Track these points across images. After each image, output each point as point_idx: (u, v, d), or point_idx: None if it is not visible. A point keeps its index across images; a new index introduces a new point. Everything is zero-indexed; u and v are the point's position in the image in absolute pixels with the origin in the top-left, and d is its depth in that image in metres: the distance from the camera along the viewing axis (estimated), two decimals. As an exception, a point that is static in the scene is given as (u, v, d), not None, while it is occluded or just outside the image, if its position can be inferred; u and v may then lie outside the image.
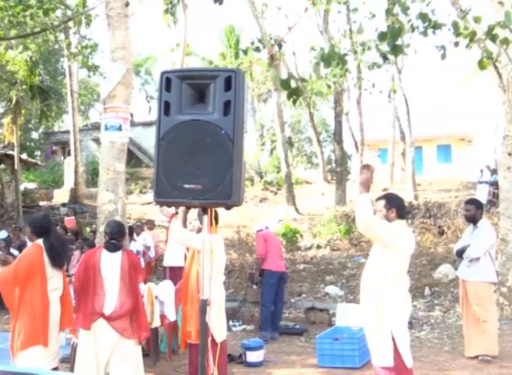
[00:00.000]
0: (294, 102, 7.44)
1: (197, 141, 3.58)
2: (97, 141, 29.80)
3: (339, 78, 16.77)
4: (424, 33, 8.09)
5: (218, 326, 5.81)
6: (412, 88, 54.24)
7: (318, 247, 16.78)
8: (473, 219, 7.54)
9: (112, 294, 5.31)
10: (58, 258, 5.48)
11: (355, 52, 16.57)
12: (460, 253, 7.48)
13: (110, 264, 5.38)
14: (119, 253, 5.47)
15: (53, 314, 5.34)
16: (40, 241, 5.43)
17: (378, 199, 5.10)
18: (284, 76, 23.34)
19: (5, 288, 5.27)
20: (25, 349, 5.17)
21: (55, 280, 5.40)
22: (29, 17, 15.87)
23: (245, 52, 11.80)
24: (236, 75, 3.60)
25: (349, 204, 20.34)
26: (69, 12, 17.33)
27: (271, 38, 20.63)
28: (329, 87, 18.04)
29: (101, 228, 7.29)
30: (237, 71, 3.65)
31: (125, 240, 6.14)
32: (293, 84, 6.86)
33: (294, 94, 6.91)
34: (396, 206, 4.90)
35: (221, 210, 3.84)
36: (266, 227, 9.76)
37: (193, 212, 6.04)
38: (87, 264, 5.42)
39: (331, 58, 7.54)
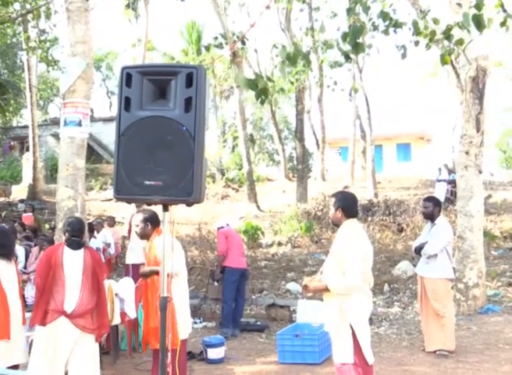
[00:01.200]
0: (262, 102, 7.47)
1: (158, 138, 3.56)
2: (56, 136, 29.39)
3: (302, 75, 16.87)
4: (386, 32, 8.21)
5: (182, 324, 5.79)
6: (373, 87, 54.90)
7: (280, 244, 16.86)
8: (431, 217, 7.66)
9: (73, 292, 5.23)
10: (4, 249, 5.44)
11: (317, 51, 16.70)
12: (419, 250, 7.59)
13: (72, 261, 5.29)
14: (82, 251, 5.39)
15: (13, 309, 5.27)
16: None
17: (330, 196, 5.17)
18: (247, 73, 23.43)
19: None
20: None
21: (6, 276, 5.33)
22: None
23: (207, 49, 11.83)
24: (198, 71, 3.59)
25: (310, 201, 20.47)
26: (27, 5, 17.01)
27: (233, 34, 20.63)
28: (292, 83, 18.14)
29: (60, 225, 7.20)
30: (199, 67, 3.63)
31: (85, 237, 6.04)
32: (260, 84, 6.88)
33: (262, 94, 6.93)
34: (342, 206, 4.90)
35: (182, 207, 3.82)
36: (227, 224, 9.76)
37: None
38: (48, 260, 5.31)
39: (296, 56, 7.58)
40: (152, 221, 5.91)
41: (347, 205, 4.94)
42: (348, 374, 4.71)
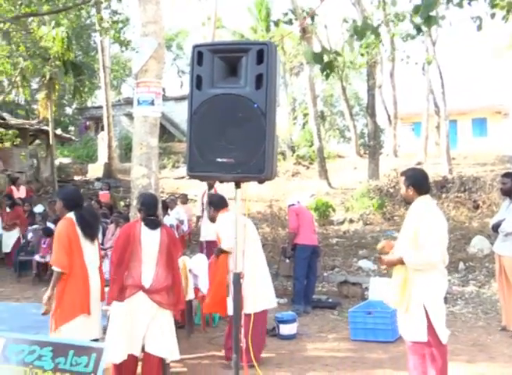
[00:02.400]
0: (327, 76, 7.39)
1: (230, 115, 3.58)
2: (129, 116, 29.98)
3: (373, 49, 16.53)
4: (460, 5, 7.92)
5: (252, 299, 5.86)
6: (447, 60, 53.30)
7: (351, 221, 16.74)
8: (509, 193, 7.43)
9: (149, 268, 5.32)
10: (90, 230, 5.56)
11: (388, 24, 16.30)
12: (496, 228, 7.39)
13: (149, 239, 5.38)
14: (158, 229, 5.47)
15: (93, 285, 5.45)
16: (71, 215, 5.52)
17: (401, 174, 5.08)
18: (316, 49, 23.15)
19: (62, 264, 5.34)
20: (69, 321, 5.28)
21: (89, 253, 5.50)
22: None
23: (276, 24, 11.67)
24: (268, 48, 3.58)
25: (382, 178, 20.19)
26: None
27: (303, 11, 20.39)
28: (363, 55, 17.79)
29: (135, 202, 7.38)
30: (269, 44, 3.62)
31: (159, 213, 6.12)
32: (326, 58, 6.79)
33: (328, 68, 6.85)
34: (413, 183, 4.83)
35: (253, 184, 3.84)
36: (298, 202, 9.76)
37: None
38: (126, 237, 5.42)
39: (365, 30, 7.44)
40: (215, 205, 6.03)
41: (418, 182, 4.87)
42: (418, 353, 4.68)
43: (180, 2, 65.20)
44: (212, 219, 6.68)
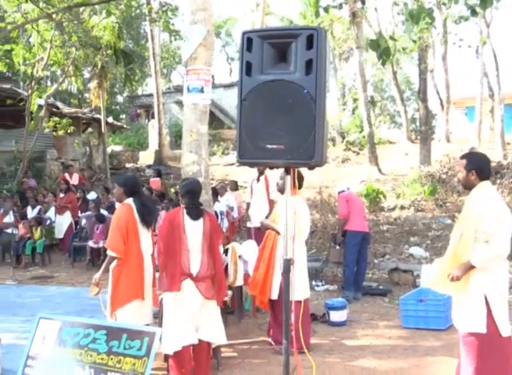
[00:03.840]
0: (384, 63, 7.28)
1: (279, 101, 3.57)
2: (179, 103, 30.21)
3: (425, 33, 16.21)
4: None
5: (299, 285, 5.86)
6: (502, 42, 51.81)
7: (402, 208, 16.52)
8: None
9: (195, 255, 5.29)
10: (149, 217, 5.65)
11: (441, 7, 15.95)
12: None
13: (193, 227, 5.34)
14: (201, 218, 5.39)
15: (147, 271, 5.54)
16: (130, 201, 5.60)
17: (460, 158, 4.83)
18: (367, 33, 22.83)
19: (118, 249, 5.45)
20: (123, 305, 5.40)
21: (144, 239, 5.59)
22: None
23: (326, 10, 11.54)
24: (318, 33, 3.55)
25: (433, 164, 19.84)
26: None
27: (353, -6, 20.11)
28: (415, 42, 17.47)
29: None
30: (319, 29, 3.59)
31: (207, 200, 6.05)
32: (381, 44, 6.70)
33: (384, 54, 6.75)
34: (476, 168, 4.57)
35: (303, 170, 3.83)
36: (348, 188, 9.69)
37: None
38: (171, 224, 5.37)
39: (420, 14, 7.29)
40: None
41: (481, 166, 4.62)
42: (475, 344, 4.45)
43: (229, -11, 65.16)
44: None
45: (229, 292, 7.70)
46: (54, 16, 17.40)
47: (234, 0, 64.71)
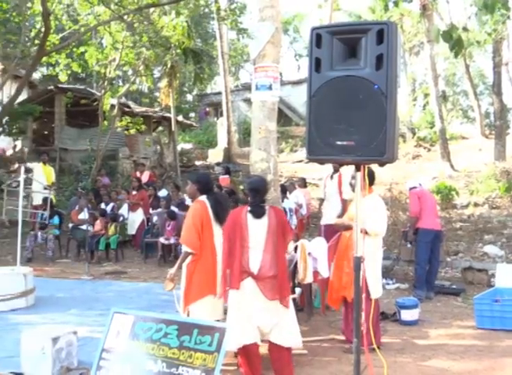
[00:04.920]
0: (456, 55, 7.11)
1: (349, 97, 3.54)
2: (247, 101, 30.44)
3: (501, 25, 15.70)
4: None
5: (373, 283, 5.80)
6: None
7: (476, 205, 16.10)
8: None
9: (257, 254, 5.23)
10: (222, 213, 5.70)
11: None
12: None
13: (257, 224, 5.28)
14: (265, 216, 5.30)
15: (220, 267, 5.61)
16: (203, 198, 5.68)
17: None
18: (437, 26, 22.30)
19: (194, 245, 5.53)
20: (197, 300, 5.48)
21: (217, 236, 5.65)
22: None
23: (396, 4, 11.37)
24: (389, 27, 3.50)
25: (509, 159, 19.22)
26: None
27: (423, -13, 19.72)
28: (489, 34, 16.95)
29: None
30: (389, 23, 3.54)
31: (275, 197, 5.99)
32: (453, 35, 6.54)
33: (457, 45, 6.59)
34: None
35: (373, 167, 3.78)
36: (420, 184, 9.52)
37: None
38: (233, 223, 5.36)
39: (494, 4, 7.07)
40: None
41: None
42: None
43: (296, -15, 64.97)
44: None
45: (299, 290, 7.71)
46: (125, 17, 17.82)
47: (302, -3, 64.55)
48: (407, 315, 7.49)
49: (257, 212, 5.29)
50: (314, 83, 3.68)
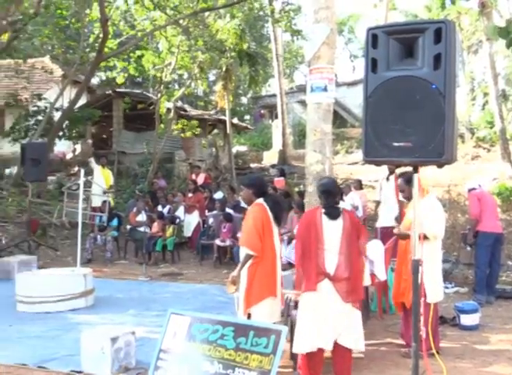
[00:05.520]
0: (515, 51, 6.90)
1: (406, 98, 3.50)
2: (302, 103, 30.34)
3: None
4: None
5: (432, 287, 5.69)
6: None
7: (540, 207, 15.63)
8: None
9: (332, 256, 5.21)
10: (281, 215, 5.74)
11: None
12: None
13: (331, 226, 5.27)
14: (340, 218, 5.30)
15: (278, 269, 5.63)
16: (261, 200, 5.70)
17: None
18: (498, 23, 21.79)
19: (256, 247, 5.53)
20: (258, 303, 5.48)
21: (276, 237, 5.68)
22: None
23: (453, 2, 11.16)
24: (447, 26, 3.44)
25: None
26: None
27: (482, -16, 19.29)
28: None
29: (310, 188, 7.48)
30: (447, 22, 3.48)
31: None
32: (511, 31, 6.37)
33: (514, 42, 6.42)
34: None
35: (430, 168, 3.72)
36: (479, 186, 9.30)
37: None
38: (307, 224, 5.39)
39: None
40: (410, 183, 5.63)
41: None
42: None
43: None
44: (407, 199, 6.37)
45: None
46: (181, 21, 18.07)
47: (357, -4, 64.05)
48: (466, 319, 7.33)
49: (333, 214, 5.30)
50: (371, 84, 3.66)
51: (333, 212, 5.30)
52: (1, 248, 12.61)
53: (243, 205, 12.27)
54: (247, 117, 42.54)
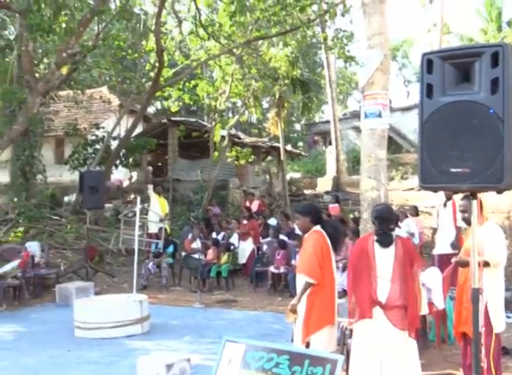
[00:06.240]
0: None
1: (463, 123, 3.45)
2: (356, 129, 30.29)
3: None
4: None
5: (494, 316, 5.53)
6: None
7: None
8: None
9: (385, 283, 5.16)
10: (339, 242, 5.71)
11: None
12: None
13: (383, 253, 5.23)
14: (393, 245, 5.25)
15: (336, 297, 5.59)
16: (318, 228, 5.67)
17: None
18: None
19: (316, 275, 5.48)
20: (317, 331, 5.42)
21: (334, 264, 5.64)
22: (287, 15, 16.75)
23: (509, 24, 11.00)
24: (504, 49, 3.40)
25: None
26: (324, 6, 17.88)
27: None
28: None
29: (365, 215, 7.41)
30: (504, 45, 3.44)
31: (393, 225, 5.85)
32: None
33: None
34: None
35: (491, 194, 3.64)
36: (541, 212, 9.04)
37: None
38: (359, 251, 5.38)
39: None
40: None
41: None
42: None
43: (404, 11, 64.48)
44: (467, 223, 6.26)
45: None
46: (234, 50, 18.35)
47: (410, 22, 63.95)
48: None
49: (385, 241, 5.25)
50: (426, 110, 3.63)
51: (385, 240, 5.25)
52: (59, 274, 12.88)
53: (297, 231, 12.25)
54: (301, 144, 42.67)
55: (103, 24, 17.16)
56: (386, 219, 5.34)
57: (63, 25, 15.07)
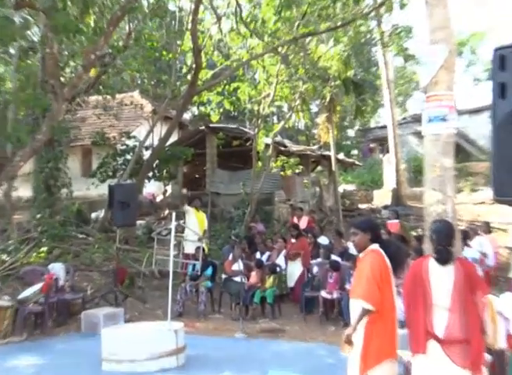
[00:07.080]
0: None
1: (544, 126, 3.36)
2: (417, 134, 29.95)
3: None
4: None
5: None
6: None
7: None
8: None
9: (442, 312, 5.05)
10: (400, 263, 5.58)
11: None
12: None
13: (441, 276, 5.11)
14: (451, 265, 5.15)
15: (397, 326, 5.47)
16: (377, 247, 5.59)
17: None
18: None
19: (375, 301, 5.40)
20: (376, 366, 5.30)
21: (394, 289, 5.52)
22: (339, 8, 16.70)
23: None
24: None
25: None
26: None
27: None
28: None
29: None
30: None
31: (455, 245, 5.75)
32: None
33: None
34: None
35: None
36: None
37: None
38: (414, 275, 5.28)
39: None
40: None
41: None
42: None
43: (472, 2, 63.80)
44: None
45: (489, 357, 7.28)
46: (279, 49, 18.37)
47: (478, 14, 63.19)
48: None
49: (443, 258, 5.15)
50: (500, 112, 3.54)
51: (444, 256, 5.14)
52: (86, 299, 12.97)
53: (351, 251, 12.10)
54: (355, 152, 42.47)
55: (135, 23, 17.42)
56: (445, 234, 5.26)
57: (91, 24, 15.35)
